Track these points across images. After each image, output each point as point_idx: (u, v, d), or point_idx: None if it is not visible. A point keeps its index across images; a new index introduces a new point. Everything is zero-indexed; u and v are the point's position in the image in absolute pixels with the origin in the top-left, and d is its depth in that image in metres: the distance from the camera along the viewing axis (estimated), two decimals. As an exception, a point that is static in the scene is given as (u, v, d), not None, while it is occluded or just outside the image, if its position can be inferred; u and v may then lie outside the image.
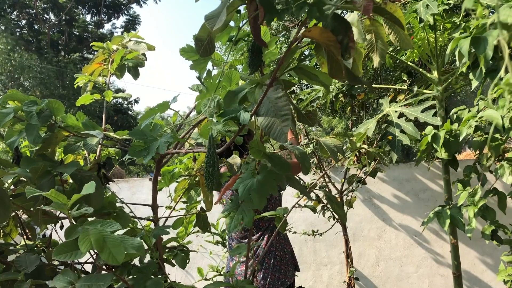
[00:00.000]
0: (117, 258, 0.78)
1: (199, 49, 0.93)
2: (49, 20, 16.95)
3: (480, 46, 1.50)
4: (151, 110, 1.14)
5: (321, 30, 0.77)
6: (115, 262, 0.78)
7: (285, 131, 0.80)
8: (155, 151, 0.97)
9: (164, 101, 1.14)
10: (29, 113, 1.00)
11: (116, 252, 0.78)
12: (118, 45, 1.63)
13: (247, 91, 0.88)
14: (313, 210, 1.51)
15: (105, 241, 0.79)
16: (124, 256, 0.79)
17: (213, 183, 0.98)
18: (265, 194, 0.93)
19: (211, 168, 0.97)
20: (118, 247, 0.79)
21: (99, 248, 0.77)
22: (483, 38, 1.49)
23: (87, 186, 0.85)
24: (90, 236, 0.78)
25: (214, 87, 1.03)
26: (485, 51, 1.47)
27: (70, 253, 0.79)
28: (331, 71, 0.84)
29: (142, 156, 0.97)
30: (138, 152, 0.98)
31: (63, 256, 0.79)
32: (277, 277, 1.93)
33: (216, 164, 0.97)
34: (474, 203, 1.83)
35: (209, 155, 0.98)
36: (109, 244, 0.79)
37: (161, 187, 1.49)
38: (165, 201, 1.64)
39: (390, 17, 0.87)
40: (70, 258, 0.78)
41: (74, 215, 0.85)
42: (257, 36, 0.86)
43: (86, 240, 0.78)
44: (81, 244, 0.77)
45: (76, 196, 0.85)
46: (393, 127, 2.15)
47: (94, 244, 0.77)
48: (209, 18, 0.81)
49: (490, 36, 1.48)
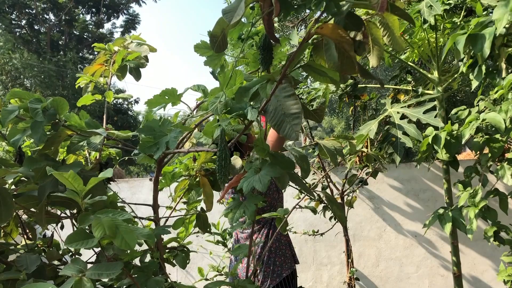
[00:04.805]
0: (130, 244, 0.80)
1: (213, 45, 0.94)
2: (49, 20, 16.95)
3: (477, 43, 1.49)
4: (160, 97, 1.11)
5: (333, 26, 0.78)
6: (128, 247, 0.79)
7: (295, 129, 0.81)
8: (165, 146, 0.97)
9: (173, 88, 1.10)
10: (35, 110, 0.99)
11: (128, 238, 0.80)
12: (120, 46, 1.64)
13: (258, 87, 0.89)
14: (313, 211, 1.51)
15: (118, 228, 0.81)
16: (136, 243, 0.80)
17: (225, 176, 0.98)
18: (267, 179, 0.93)
19: (224, 161, 0.98)
20: (131, 233, 0.81)
21: (112, 233, 0.79)
22: (480, 36, 1.49)
23: (105, 172, 0.86)
24: (103, 223, 0.80)
25: (226, 82, 1.03)
26: (482, 49, 1.47)
27: (82, 241, 0.80)
28: (342, 67, 0.85)
29: (152, 152, 0.98)
30: (148, 148, 0.98)
31: (74, 244, 0.80)
32: (272, 269, 1.92)
33: (228, 157, 0.99)
34: (474, 204, 1.83)
35: (221, 148, 0.99)
36: (121, 231, 0.81)
37: (162, 187, 1.49)
38: (165, 201, 1.64)
39: (401, 13, 0.88)
40: (81, 246, 0.80)
41: (89, 202, 0.85)
42: (271, 33, 0.87)
43: (99, 227, 0.79)
44: (95, 230, 0.79)
45: (94, 179, 0.86)
46: (395, 128, 2.14)
47: (107, 230, 0.79)
48: (226, 12, 0.82)
49: (487, 33, 1.47)
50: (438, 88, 2.39)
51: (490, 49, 1.44)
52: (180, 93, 1.13)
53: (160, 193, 1.34)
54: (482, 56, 1.47)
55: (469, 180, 1.99)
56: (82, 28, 16.94)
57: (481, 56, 1.47)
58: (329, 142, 1.30)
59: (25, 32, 16.22)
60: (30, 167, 1.02)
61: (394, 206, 3.57)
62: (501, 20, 1.39)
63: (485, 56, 1.46)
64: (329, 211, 3.06)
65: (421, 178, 3.56)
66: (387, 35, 1.11)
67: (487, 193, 1.94)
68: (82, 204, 0.87)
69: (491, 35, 1.45)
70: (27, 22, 16.22)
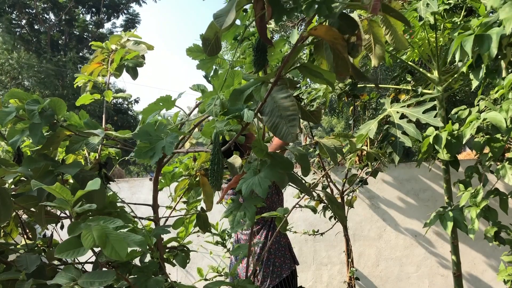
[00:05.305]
0: (120, 254, 0.77)
1: (206, 48, 0.93)
2: (49, 20, 16.94)
3: (484, 44, 1.49)
4: (154, 105, 1.11)
5: (327, 28, 0.77)
6: (118, 257, 0.77)
7: (291, 131, 0.80)
8: (161, 151, 0.96)
9: (168, 95, 1.11)
10: (31, 112, 0.99)
11: (119, 247, 0.78)
12: (116, 44, 1.63)
13: (253, 89, 0.88)
14: (313, 210, 1.51)
15: (108, 237, 0.79)
16: (127, 252, 0.79)
17: (218, 181, 0.97)
18: (267, 183, 0.92)
19: (216, 166, 0.97)
20: (121, 242, 0.79)
21: (102, 244, 0.77)
22: (487, 36, 1.48)
23: (91, 183, 0.85)
24: (93, 232, 0.78)
25: (220, 86, 1.03)
26: (489, 49, 1.46)
27: (73, 250, 0.79)
28: (337, 69, 0.84)
29: (148, 157, 0.96)
30: (144, 153, 0.97)
31: (65, 254, 0.78)
32: (271, 270, 1.93)
33: (221, 162, 0.97)
34: (476, 204, 1.83)
35: (214, 152, 0.98)
36: (112, 240, 0.78)
37: (162, 187, 1.49)
38: (165, 201, 1.64)
39: (396, 15, 0.87)
40: (72, 256, 0.78)
41: (77, 211, 0.84)
42: (263, 35, 0.86)
43: (89, 236, 0.77)
44: (84, 240, 0.77)
45: (81, 192, 0.85)
46: (395, 128, 2.14)
47: (97, 239, 0.77)
48: (217, 16, 0.81)
49: (494, 34, 1.47)
50: (438, 88, 2.39)
51: (497, 49, 1.44)
52: (174, 98, 1.13)
53: (160, 193, 1.34)
54: (490, 56, 1.46)
55: (469, 180, 1.99)
56: (82, 28, 16.93)
57: (488, 56, 1.47)
58: (329, 141, 1.30)
59: (25, 32, 16.22)
60: (29, 167, 1.02)
61: (394, 205, 3.56)
62: (509, 20, 1.38)
63: (492, 56, 1.46)
64: (329, 210, 3.06)
65: (421, 178, 3.55)
66: (389, 33, 1.10)
67: (487, 193, 1.94)
68: (73, 212, 0.86)
69: (498, 35, 1.45)
70: (27, 22, 16.21)
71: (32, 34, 16.23)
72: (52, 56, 15.27)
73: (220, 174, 0.98)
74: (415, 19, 2.28)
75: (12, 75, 14.17)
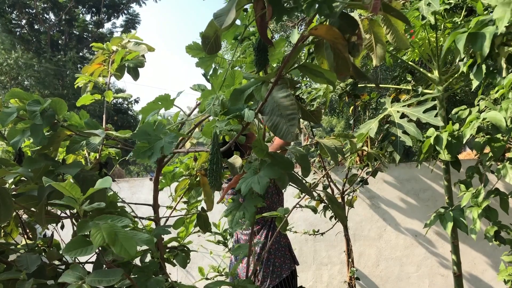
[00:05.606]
0: (129, 252, 0.78)
1: (205, 46, 0.93)
2: (49, 20, 16.94)
3: (477, 42, 1.49)
4: (153, 104, 1.11)
5: (327, 27, 0.77)
6: (127, 255, 0.78)
7: (291, 131, 0.80)
8: (159, 151, 0.95)
9: (166, 94, 1.10)
10: (33, 113, 0.98)
11: (128, 245, 0.79)
12: (117, 46, 1.63)
13: (253, 89, 0.88)
14: (314, 210, 1.51)
15: (117, 235, 0.79)
16: (136, 250, 0.79)
17: (216, 181, 0.97)
18: (266, 181, 0.92)
19: (215, 166, 0.97)
20: (130, 240, 0.80)
21: (112, 242, 0.78)
22: (480, 34, 1.48)
23: (101, 181, 0.86)
24: (102, 230, 0.79)
25: (219, 85, 1.02)
26: (482, 47, 1.46)
27: (81, 249, 0.79)
28: (337, 68, 0.84)
29: (146, 157, 0.96)
30: (143, 153, 0.97)
31: (73, 252, 0.79)
32: (271, 270, 1.94)
33: (220, 162, 0.97)
34: (477, 204, 1.83)
35: (213, 152, 0.98)
36: (121, 238, 0.79)
37: (162, 187, 1.49)
38: (166, 201, 1.64)
39: (396, 14, 0.87)
40: (80, 254, 0.78)
41: (86, 209, 0.85)
42: (264, 35, 0.86)
43: (98, 234, 0.78)
44: (94, 238, 0.78)
45: (92, 189, 0.85)
46: (395, 127, 2.14)
47: (106, 238, 0.77)
48: (218, 16, 0.81)
49: (487, 32, 1.46)
50: (438, 88, 2.39)
51: (489, 48, 1.44)
52: (173, 98, 1.12)
53: (161, 193, 1.34)
54: (482, 54, 1.46)
55: (470, 180, 1.99)
56: (82, 28, 16.92)
57: (481, 54, 1.47)
58: (329, 141, 1.30)
59: (25, 31, 16.21)
60: (30, 167, 1.02)
61: (394, 205, 3.56)
62: (502, 19, 1.38)
63: (484, 55, 1.46)
64: (329, 210, 3.06)
65: (421, 178, 3.55)
66: (391, 33, 1.10)
67: (488, 193, 1.94)
68: (81, 211, 0.86)
69: (491, 34, 1.45)
70: (27, 22, 16.21)
71: (32, 34, 16.22)
72: (52, 56, 15.27)
73: (219, 174, 0.98)
74: (415, 19, 2.28)
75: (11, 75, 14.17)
